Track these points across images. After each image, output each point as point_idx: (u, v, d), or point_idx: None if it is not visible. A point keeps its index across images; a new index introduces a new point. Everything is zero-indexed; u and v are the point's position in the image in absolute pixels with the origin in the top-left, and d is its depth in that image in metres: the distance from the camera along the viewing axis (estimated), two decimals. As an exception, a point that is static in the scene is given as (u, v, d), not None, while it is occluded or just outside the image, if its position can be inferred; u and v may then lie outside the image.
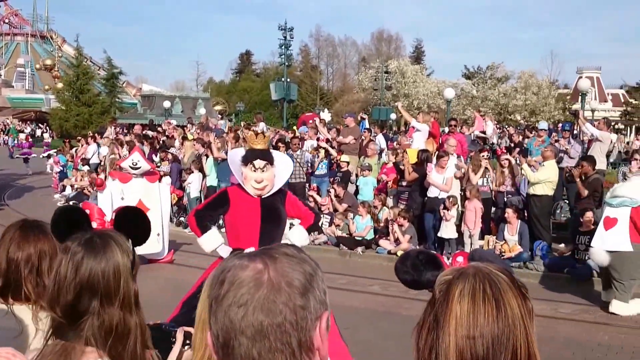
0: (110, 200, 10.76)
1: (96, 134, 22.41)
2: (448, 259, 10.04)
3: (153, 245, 10.84)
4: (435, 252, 2.29)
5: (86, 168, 19.29)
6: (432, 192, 11.76)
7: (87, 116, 44.59)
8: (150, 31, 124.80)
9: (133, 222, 2.05)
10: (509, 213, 10.94)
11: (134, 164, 11.08)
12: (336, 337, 4.61)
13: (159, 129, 23.03)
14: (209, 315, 1.23)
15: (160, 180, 11.58)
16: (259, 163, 4.81)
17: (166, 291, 8.66)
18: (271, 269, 1.20)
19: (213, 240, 5.06)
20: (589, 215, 10.46)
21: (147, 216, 2.12)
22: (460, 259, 2.53)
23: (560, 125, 17.26)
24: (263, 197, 4.91)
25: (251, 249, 1.36)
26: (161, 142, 18.88)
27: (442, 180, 11.62)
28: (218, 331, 1.20)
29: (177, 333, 2.07)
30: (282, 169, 5.15)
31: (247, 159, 4.86)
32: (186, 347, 2.08)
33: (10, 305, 2.16)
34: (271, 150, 5.31)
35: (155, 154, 16.46)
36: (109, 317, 1.74)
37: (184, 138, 16.69)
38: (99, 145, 20.10)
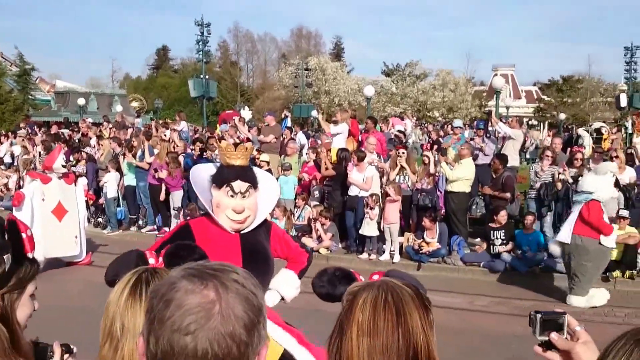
0: (30, 205, 10.32)
1: (9, 133, 21.48)
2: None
3: (71, 248, 10.71)
4: (350, 270, 2.37)
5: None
6: (352, 191, 11.88)
7: None
8: (63, 26, 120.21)
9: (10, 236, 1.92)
10: (426, 222, 11.18)
11: (66, 162, 10.93)
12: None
13: (74, 127, 22.30)
14: (148, 331, 1.20)
15: (75, 182, 11.26)
16: (239, 186, 3.55)
17: (85, 294, 8.42)
18: (223, 300, 1.18)
19: None
20: (502, 213, 10.84)
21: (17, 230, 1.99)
22: (375, 277, 2.60)
23: (475, 122, 17.77)
24: (243, 232, 3.65)
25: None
26: (76, 141, 18.27)
27: (362, 179, 11.76)
28: (157, 351, 1.18)
29: (54, 346, 2.03)
30: (267, 194, 3.86)
31: (223, 180, 3.58)
32: (67, 356, 2.06)
33: None
34: (254, 168, 3.96)
35: (71, 154, 15.92)
36: None
37: (100, 137, 16.23)
38: (12, 144, 19.31)
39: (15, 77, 47.56)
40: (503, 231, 10.80)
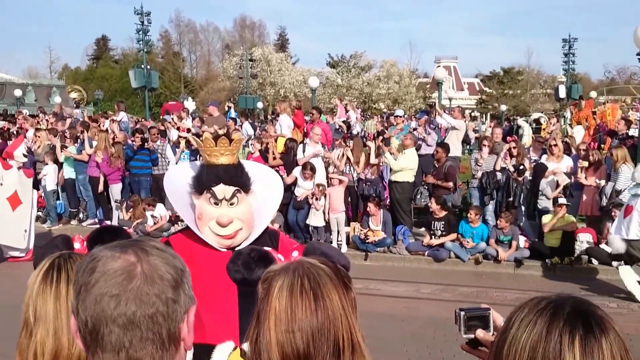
0: None
1: None
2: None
3: (18, 241, 10.49)
4: (267, 249, 2.25)
5: None
6: (298, 192, 11.81)
7: None
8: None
9: None
10: (371, 207, 11.23)
11: (28, 151, 10.68)
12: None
13: (10, 119, 21.57)
14: (76, 302, 1.22)
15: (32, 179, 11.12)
16: (222, 191, 2.86)
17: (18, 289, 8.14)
18: (144, 262, 1.22)
19: None
20: (436, 206, 10.98)
21: None
22: (295, 253, 2.53)
23: (418, 113, 17.98)
24: (237, 249, 2.83)
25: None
26: (13, 133, 17.67)
27: (311, 186, 11.72)
28: (87, 318, 1.20)
29: None
30: (267, 195, 3.15)
31: (201, 183, 2.91)
32: None
33: None
34: (245, 163, 3.13)
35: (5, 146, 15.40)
36: None
37: (37, 129, 15.73)
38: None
39: (-53, 69, 45.73)
40: (443, 222, 10.94)
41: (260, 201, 3.02)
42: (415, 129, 14.37)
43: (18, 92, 31.63)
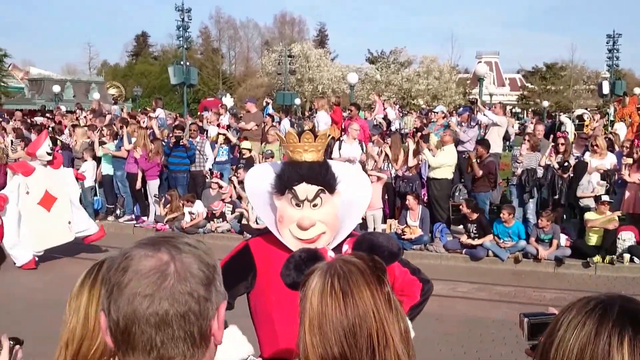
0: (15, 203, 9.94)
1: None
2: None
3: (65, 235, 10.34)
4: (317, 248, 2.20)
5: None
6: None
7: (-31, 102, 42.03)
8: (36, 10, 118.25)
9: None
10: (410, 200, 11.10)
11: (51, 149, 10.58)
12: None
13: (48, 115, 21.94)
14: (107, 302, 1.22)
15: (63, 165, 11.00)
16: (305, 191, 2.64)
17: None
18: (177, 260, 1.22)
19: (232, 350, 2.13)
20: (465, 209, 10.78)
21: None
22: (345, 247, 2.46)
23: (460, 108, 17.69)
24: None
25: None
26: (50, 129, 17.96)
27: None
28: (119, 317, 1.20)
29: (2, 339, 2.02)
30: (354, 197, 2.88)
31: (282, 182, 2.70)
32: (17, 346, 2.05)
33: None
34: (331, 162, 2.89)
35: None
36: None
37: (74, 126, 15.96)
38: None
39: (-15, 64, 46.75)
40: (475, 225, 10.76)
41: (346, 203, 2.77)
42: (448, 126, 14.04)
43: (56, 88, 31.95)
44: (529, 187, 11.07)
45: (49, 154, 10.39)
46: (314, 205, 2.63)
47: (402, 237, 11.07)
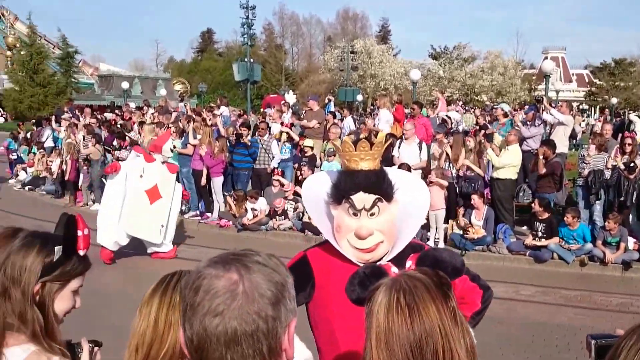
0: (124, 178, 10.25)
1: (51, 117, 21.80)
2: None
3: (154, 235, 10.48)
4: (380, 265, 2.22)
5: (41, 152, 18.94)
6: None
7: (42, 97, 43.60)
8: (106, 8, 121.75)
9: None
10: (475, 200, 10.98)
11: (174, 147, 10.86)
12: None
13: (117, 111, 22.49)
14: (183, 319, 1.31)
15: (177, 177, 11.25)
16: (362, 200, 2.60)
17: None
18: (245, 280, 1.27)
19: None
20: (540, 209, 10.57)
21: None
22: (409, 263, 2.48)
23: (526, 107, 17.32)
24: (377, 264, 2.42)
25: None
26: (118, 126, 18.46)
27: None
28: (193, 335, 1.28)
29: (82, 342, 2.10)
30: (412, 206, 2.83)
31: (339, 192, 2.66)
32: (96, 348, 2.14)
33: None
34: (388, 169, 2.83)
35: (114, 139, 16.14)
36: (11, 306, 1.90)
37: (142, 123, 16.36)
38: (53, 130, 19.66)
39: (58, 60, 48.28)
40: (545, 224, 10.54)
41: (404, 212, 2.72)
42: (524, 123, 13.71)
43: (125, 85, 32.56)
44: (596, 188, 10.80)
45: (171, 150, 10.70)
46: (372, 214, 2.60)
47: (465, 235, 10.97)
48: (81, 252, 2.04)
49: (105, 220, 10.07)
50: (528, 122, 13.38)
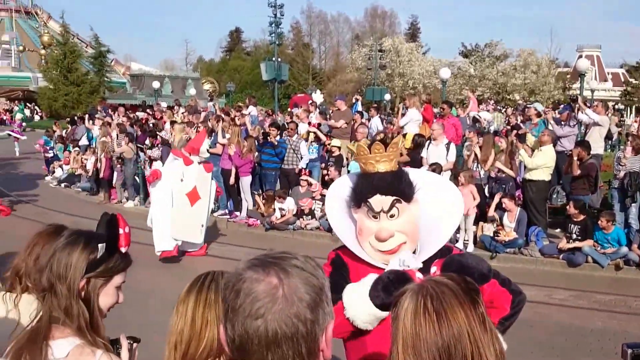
0: (168, 182, 10.46)
1: (85, 115, 22.11)
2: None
3: (196, 235, 10.60)
4: (404, 270, 2.19)
5: (76, 150, 19.22)
6: None
7: (76, 96, 44.19)
8: (137, 8, 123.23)
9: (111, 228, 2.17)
10: (506, 202, 10.82)
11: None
12: None
13: (148, 110, 22.74)
14: (225, 320, 1.35)
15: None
16: (379, 202, 2.59)
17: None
18: (285, 284, 1.31)
19: None
20: (571, 210, 10.37)
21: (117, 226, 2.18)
22: (433, 268, 2.43)
23: (561, 106, 17.01)
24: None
25: None
26: (150, 124, 18.64)
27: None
28: (235, 336, 1.32)
29: (121, 339, 2.17)
30: (441, 207, 2.79)
31: (357, 195, 2.66)
32: (135, 344, 2.22)
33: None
34: (410, 170, 2.85)
35: (146, 138, 16.27)
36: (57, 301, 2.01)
37: (173, 122, 16.49)
38: (87, 129, 19.90)
39: (91, 59, 48.93)
40: (579, 227, 10.34)
41: (431, 212, 2.71)
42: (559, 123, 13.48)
43: (156, 84, 32.91)
44: (632, 191, 10.60)
45: (207, 151, 10.78)
46: (391, 216, 2.59)
47: (496, 238, 10.81)
48: (123, 249, 2.15)
49: (159, 227, 10.27)
50: (562, 122, 13.15)
